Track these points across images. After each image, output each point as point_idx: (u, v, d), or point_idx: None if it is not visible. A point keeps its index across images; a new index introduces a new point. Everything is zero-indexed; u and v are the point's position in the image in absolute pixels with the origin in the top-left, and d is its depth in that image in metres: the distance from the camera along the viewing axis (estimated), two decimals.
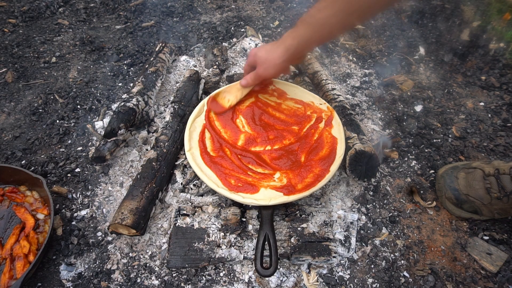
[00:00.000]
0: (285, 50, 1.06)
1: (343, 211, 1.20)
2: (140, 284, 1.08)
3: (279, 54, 1.07)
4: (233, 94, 1.28)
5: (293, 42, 1.05)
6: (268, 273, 0.97)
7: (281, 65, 1.10)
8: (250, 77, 1.21)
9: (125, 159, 1.36)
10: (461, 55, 1.77)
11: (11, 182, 1.23)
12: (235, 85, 1.30)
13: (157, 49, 1.64)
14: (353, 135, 1.25)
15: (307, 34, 1.02)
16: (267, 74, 1.15)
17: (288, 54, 1.07)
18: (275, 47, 1.09)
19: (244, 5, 2.14)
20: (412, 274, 1.10)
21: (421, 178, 1.34)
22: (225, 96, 1.29)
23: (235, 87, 1.30)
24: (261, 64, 1.13)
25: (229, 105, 1.28)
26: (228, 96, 1.29)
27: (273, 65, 1.11)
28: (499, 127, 1.48)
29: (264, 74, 1.15)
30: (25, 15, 2.02)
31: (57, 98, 1.61)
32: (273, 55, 1.09)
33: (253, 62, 1.17)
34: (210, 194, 1.22)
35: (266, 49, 1.12)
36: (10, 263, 1.05)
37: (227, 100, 1.28)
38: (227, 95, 1.29)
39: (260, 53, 1.13)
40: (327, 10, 0.94)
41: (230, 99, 1.28)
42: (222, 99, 1.29)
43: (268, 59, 1.11)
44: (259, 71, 1.15)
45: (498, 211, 1.14)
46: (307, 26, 1.01)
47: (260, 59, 1.13)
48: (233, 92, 1.29)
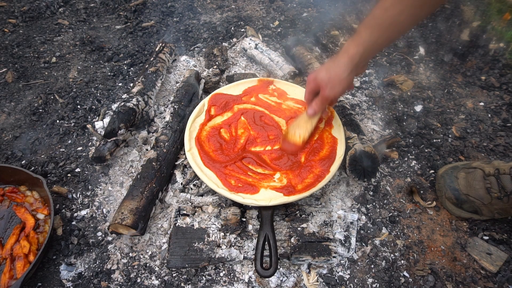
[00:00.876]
0: (349, 61, 0.97)
1: (343, 211, 1.20)
2: (140, 284, 1.08)
3: (343, 68, 0.98)
4: (303, 127, 1.18)
5: (358, 49, 0.95)
6: (268, 273, 0.97)
7: (347, 79, 1.00)
8: (316, 104, 1.10)
9: (125, 159, 1.36)
10: (461, 55, 1.77)
11: (11, 182, 1.23)
12: (302, 117, 1.20)
13: (157, 49, 1.64)
14: (353, 135, 1.25)
15: (373, 37, 0.93)
16: (335, 93, 1.04)
17: (353, 65, 0.97)
18: (336, 62, 0.99)
19: (244, 5, 2.14)
20: (412, 274, 1.10)
21: (421, 178, 1.34)
22: (294, 132, 1.19)
23: (302, 119, 1.19)
24: (326, 86, 1.03)
25: (302, 140, 1.18)
26: (298, 131, 1.19)
27: (339, 82, 1.00)
28: (499, 127, 1.48)
29: (331, 95, 1.04)
30: (25, 15, 2.02)
31: (57, 98, 1.61)
32: (336, 71, 0.99)
33: (314, 87, 1.07)
34: (210, 194, 1.22)
35: (326, 67, 1.02)
36: (10, 263, 1.05)
37: (298, 135, 1.18)
38: (297, 130, 1.19)
39: (320, 74, 1.03)
40: (395, 8, 0.87)
41: (301, 134, 1.18)
42: (293, 136, 1.19)
43: (332, 78, 1.01)
44: (324, 93, 1.04)
45: (498, 211, 1.14)
46: (373, 29, 0.92)
47: (323, 80, 1.03)
48: (302, 125, 1.19)
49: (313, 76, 1.06)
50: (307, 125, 1.18)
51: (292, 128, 1.21)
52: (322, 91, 1.05)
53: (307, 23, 1.96)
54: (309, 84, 1.09)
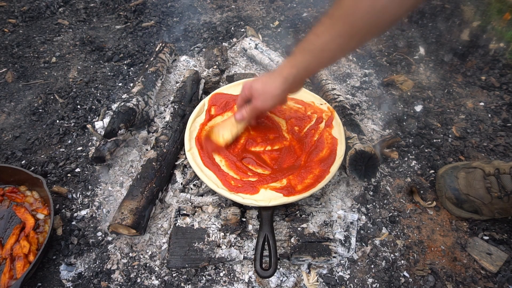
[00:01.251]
0: (283, 80, 1.00)
1: (343, 211, 1.20)
2: (140, 284, 1.08)
3: (277, 85, 1.01)
4: (228, 129, 1.20)
5: (291, 71, 0.98)
6: (268, 274, 0.97)
7: (279, 96, 1.04)
8: (246, 111, 1.13)
9: (125, 159, 1.36)
10: (461, 55, 1.77)
11: (11, 182, 1.23)
12: (229, 120, 1.21)
13: (157, 49, 1.64)
14: (353, 135, 1.25)
15: (306, 61, 0.96)
16: (265, 106, 1.08)
17: (287, 84, 1.01)
18: (272, 78, 1.03)
19: (244, 5, 2.14)
20: (412, 274, 1.10)
21: (421, 178, 1.34)
22: (219, 133, 1.20)
23: (229, 122, 1.21)
24: (258, 97, 1.06)
25: (225, 141, 1.20)
26: (222, 131, 1.20)
27: (271, 97, 1.04)
28: (499, 127, 1.48)
29: (262, 106, 1.08)
30: (25, 15, 2.02)
31: (57, 98, 1.61)
32: (270, 86, 1.03)
33: (248, 95, 1.10)
34: (210, 194, 1.22)
35: (262, 80, 1.05)
36: (10, 263, 1.05)
37: (221, 136, 1.20)
38: (221, 130, 1.20)
39: (256, 85, 1.06)
40: (325, 36, 0.88)
41: (225, 135, 1.19)
42: (217, 136, 1.20)
43: (265, 91, 1.04)
44: (256, 104, 1.08)
45: (499, 211, 1.14)
46: (306, 53, 0.95)
47: (257, 91, 1.06)
48: (228, 127, 1.20)
49: (249, 84, 1.09)
50: (232, 129, 1.19)
51: (217, 129, 1.22)
52: (255, 101, 1.08)
53: (307, 23, 1.96)
54: (243, 91, 1.11)
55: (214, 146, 1.20)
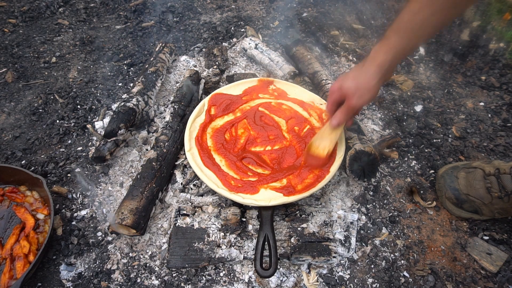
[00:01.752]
0: (378, 69, 0.93)
1: (343, 211, 1.20)
2: (140, 284, 1.08)
3: (372, 75, 0.94)
4: (327, 139, 1.12)
5: (386, 57, 0.92)
6: (268, 274, 0.97)
7: (375, 87, 0.96)
8: (342, 114, 1.04)
9: (125, 159, 1.36)
10: (461, 55, 1.77)
11: (11, 182, 1.23)
12: (325, 129, 1.13)
13: (157, 49, 1.64)
14: (353, 135, 1.25)
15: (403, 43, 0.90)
16: (362, 102, 0.99)
17: (382, 72, 0.94)
18: (364, 70, 0.96)
19: (244, 5, 2.14)
20: (412, 274, 1.10)
21: (421, 178, 1.34)
22: (318, 145, 1.14)
23: (325, 131, 1.13)
24: (353, 95, 0.98)
25: (327, 152, 1.13)
26: (322, 143, 1.13)
27: (368, 90, 0.96)
28: (499, 127, 1.48)
29: (358, 104, 0.99)
30: (25, 15, 2.02)
31: (57, 98, 1.61)
32: (364, 79, 0.96)
33: (339, 97, 1.03)
34: (210, 194, 1.22)
35: (352, 76, 0.99)
36: (10, 263, 1.05)
37: (322, 148, 1.13)
38: (321, 142, 1.14)
39: (346, 84, 0.99)
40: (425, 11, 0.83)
41: (326, 146, 1.12)
42: (316, 148, 1.14)
43: (359, 86, 0.97)
44: (351, 102, 0.99)
45: (499, 211, 1.14)
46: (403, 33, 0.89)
47: (350, 89, 0.98)
48: (326, 136, 1.12)
49: (337, 85, 1.02)
50: (331, 137, 1.12)
51: (316, 141, 1.15)
52: (349, 101, 1.00)
53: (307, 23, 1.96)
54: (332, 94, 1.04)
55: (317, 160, 1.14)
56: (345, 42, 1.88)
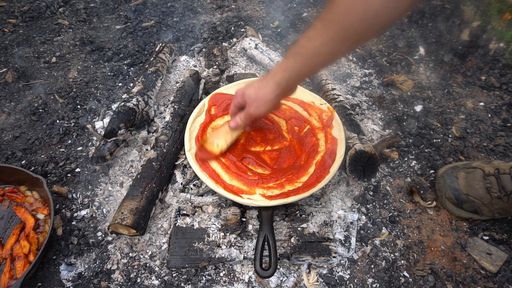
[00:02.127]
0: (276, 85, 0.99)
1: (343, 211, 1.20)
2: (140, 284, 1.08)
3: (270, 90, 1.00)
4: (222, 138, 1.19)
5: (284, 75, 0.97)
6: (268, 274, 0.97)
7: (273, 101, 1.02)
8: (240, 118, 1.12)
9: (125, 159, 1.36)
10: (461, 55, 1.77)
11: (11, 182, 1.23)
12: (223, 128, 1.20)
13: (157, 49, 1.64)
14: (353, 135, 1.25)
15: (298, 65, 0.94)
16: (259, 112, 1.06)
17: (280, 89, 0.99)
18: (264, 83, 1.02)
19: (244, 5, 2.14)
20: (412, 274, 1.10)
21: (421, 178, 1.34)
22: (213, 141, 1.20)
23: (223, 130, 1.20)
24: (251, 103, 1.06)
25: (220, 150, 1.19)
26: (216, 140, 1.19)
27: (265, 102, 1.03)
28: (499, 127, 1.48)
29: (256, 112, 1.06)
30: (25, 15, 2.02)
31: (57, 98, 1.61)
32: (263, 91, 1.02)
33: (241, 102, 1.10)
34: (210, 194, 1.22)
35: (255, 86, 1.04)
36: (10, 263, 1.05)
37: (216, 145, 1.19)
38: (215, 139, 1.20)
39: (248, 92, 1.06)
40: (317, 39, 0.86)
41: (219, 144, 1.19)
42: (211, 144, 1.19)
43: (258, 97, 1.03)
44: (250, 110, 1.07)
45: (499, 211, 1.14)
46: (298, 57, 0.93)
47: (250, 98, 1.05)
48: (222, 135, 1.19)
49: (241, 91, 1.08)
50: (227, 137, 1.19)
51: (212, 137, 1.21)
52: (248, 108, 1.07)
53: (307, 23, 1.96)
54: (236, 98, 1.11)
55: (209, 155, 1.19)
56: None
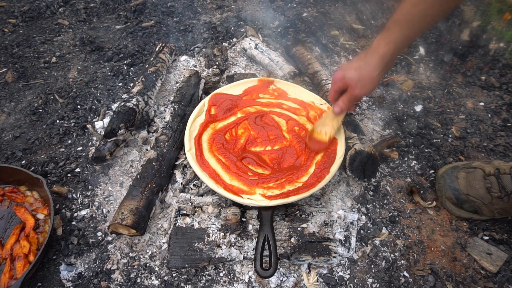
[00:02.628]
0: (380, 60, 0.96)
1: (343, 211, 1.20)
2: (140, 284, 1.08)
3: (375, 66, 0.97)
4: (329, 125, 1.18)
5: (388, 48, 0.94)
6: (268, 274, 0.97)
7: (377, 77, 0.99)
8: (344, 102, 1.09)
9: (125, 159, 1.36)
10: (461, 55, 1.77)
11: (11, 182, 1.23)
12: (327, 115, 1.20)
13: (157, 49, 1.64)
14: (353, 135, 1.25)
15: (404, 34, 0.92)
16: (365, 92, 1.03)
17: (384, 63, 0.97)
18: (366, 60, 0.99)
19: (244, 5, 2.14)
20: (412, 274, 1.10)
21: (421, 178, 1.34)
22: (320, 130, 1.20)
23: (328, 117, 1.19)
24: (356, 84, 1.02)
25: (329, 137, 1.18)
26: (323, 129, 1.19)
27: (370, 80, 1.00)
28: (499, 127, 1.48)
29: (361, 93, 1.03)
30: (25, 15, 2.02)
31: (57, 98, 1.61)
32: (367, 69, 0.99)
33: (342, 86, 1.06)
34: (210, 194, 1.22)
35: (355, 67, 1.01)
36: (10, 263, 1.05)
37: (324, 133, 1.18)
38: (322, 128, 1.19)
39: (349, 74, 1.02)
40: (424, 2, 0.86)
41: (327, 132, 1.18)
42: (319, 134, 1.19)
43: (362, 76, 1.00)
44: (354, 92, 1.03)
45: (499, 211, 1.14)
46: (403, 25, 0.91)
47: (353, 79, 1.02)
48: (328, 123, 1.18)
49: (340, 75, 1.05)
50: (333, 123, 1.18)
51: (318, 126, 1.21)
52: (352, 90, 1.04)
53: (307, 23, 1.96)
54: (335, 83, 1.08)
55: (319, 144, 1.19)
56: (345, 42, 1.88)
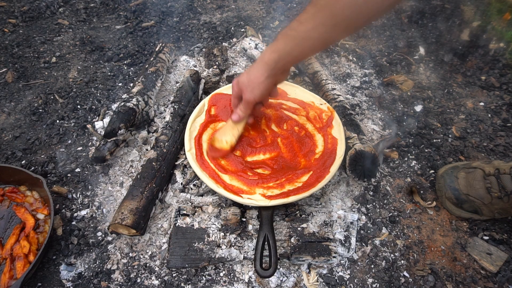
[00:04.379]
0: (265, 66, 0.99)
1: (343, 211, 1.20)
2: (140, 284, 1.08)
3: (260, 72, 1.01)
4: (229, 133, 1.20)
5: (272, 56, 0.97)
6: (268, 274, 0.97)
7: (264, 83, 1.02)
8: (240, 108, 1.13)
9: (125, 159, 1.36)
10: (461, 55, 1.77)
11: (11, 182, 1.23)
12: (228, 124, 1.22)
13: (157, 49, 1.64)
14: (353, 135, 1.25)
15: (287, 47, 0.95)
16: (254, 96, 1.06)
17: (269, 70, 0.99)
18: (255, 66, 1.02)
19: (244, 5, 2.14)
20: (412, 274, 1.10)
21: (421, 178, 1.34)
22: (221, 139, 1.21)
23: (228, 125, 1.22)
24: (246, 89, 1.06)
25: (230, 145, 1.20)
26: (224, 137, 1.21)
27: (257, 85, 1.03)
28: (499, 127, 1.48)
29: (251, 97, 1.06)
30: (25, 15, 2.02)
31: (57, 98, 1.61)
32: (254, 74, 1.02)
33: (238, 91, 1.10)
34: (210, 194, 1.22)
35: (246, 71, 1.06)
36: (10, 263, 1.05)
37: (225, 141, 1.20)
38: (223, 137, 1.21)
39: (241, 78, 1.07)
40: (308, 23, 0.87)
41: (228, 140, 1.20)
42: (220, 142, 1.20)
43: (250, 80, 1.04)
44: (245, 96, 1.07)
45: (499, 211, 1.14)
46: (288, 39, 0.94)
47: (243, 83, 1.06)
48: (228, 131, 1.21)
49: (236, 80, 1.10)
50: (233, 131, 1.20)
51: (219, 135, 1.22)
52: (244, 95, 1.07)
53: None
54: (233, 88, 1.12)
55: (220, 152, 1.20)
56: (345, 42, 1.88)
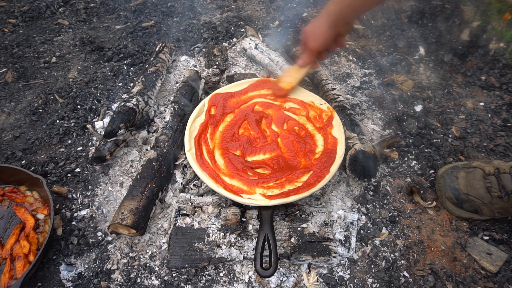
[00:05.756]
0: (327, 16, 1.07)
1: (343, 211, 1.20)
2: (140, 284, 1.08)
3: (323, 21, 1.08)
4: (293, 76, 1.33)
5: (334, 7, 1.05)
6: (268, 273, 0.97)
7: (326, 32, 1.10)
8: (304, 55, 1.21)
9: (125, 159, 1.36)
10: (461, 55, 1.77)
11: (11, 182, 1.23)
12: (293, 67, 1.33)
13: (157, 49, 1.64)
14: (353, 135, 1.25)
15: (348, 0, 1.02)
16: (317, 44, 1.14)
17: (331, 20, 1.07)
18: (318, 17, 1.10)
19: (244, 5, 2.14)
20: (412, 274, 1.10)
21: (421, 178, 1.34)
22: (285, 80, 1.35)
23: (293, 69, 1.33)
24: (310, 37, 1.14)
25: (290, 86, 1.34)
26: (288, 79, 1.34)
27: (319, 34, 1.11)
28: (499, 127, 1.48)
29: (313, 46, 1.15)
30: (25, 15, 2.02)
31: (57, 98, 1.61)
32: (318, 24, 1.10)
33: (304, 39, 1.17)
34: (210, 194, 1.22)
35: (312, 22, 1.13)
36: (10, 263, 1.05)
37: (288, 82, 1.34)
38: (287, 78, 1.35)
39: (307, 27, 1.14)
40: None
41: (291, 82, 1.34)
42: (283, 83, 1.35)
43: (314, 29, 1.12)
44: (309, 45, 1.15)
45: (499, 210, 1.14)
46: None
47: (308, 32, 1.14)
48: (292, 74, 1.33)
49: (304, 29, 1.17)
50: (296, 75, 1.33)
51: (284, 76, 1.37)
52: (307, 43, 1.16)
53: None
54: (302, 37, 1.19)
55: (281, 91, 1.35)
56: (345, 42, 1.88)
